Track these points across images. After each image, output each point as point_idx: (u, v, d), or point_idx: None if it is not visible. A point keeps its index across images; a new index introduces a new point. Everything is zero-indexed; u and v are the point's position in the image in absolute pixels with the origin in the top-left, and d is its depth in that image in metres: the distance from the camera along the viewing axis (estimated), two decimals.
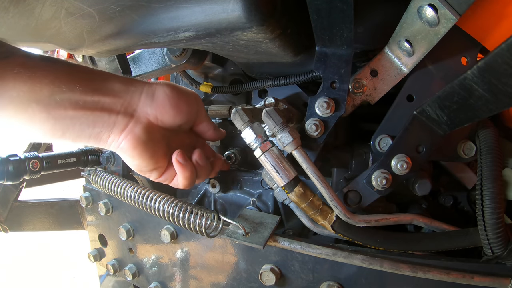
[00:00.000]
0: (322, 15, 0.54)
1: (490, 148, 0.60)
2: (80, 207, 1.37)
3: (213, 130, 0.73)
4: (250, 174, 0.90)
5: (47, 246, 3.45)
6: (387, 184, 0.62)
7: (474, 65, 0.40)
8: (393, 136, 0.68)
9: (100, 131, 0.57)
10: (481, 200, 0.55)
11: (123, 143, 0.59)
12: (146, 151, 0.60)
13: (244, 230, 0.66)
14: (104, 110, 0.57)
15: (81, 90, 0.54)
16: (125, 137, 0.59)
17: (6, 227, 1.31)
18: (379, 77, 0.66)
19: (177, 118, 0.64)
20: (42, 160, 0.94)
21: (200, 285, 0.82)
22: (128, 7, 0.59)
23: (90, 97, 0.55)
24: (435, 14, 0.49)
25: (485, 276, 0.57)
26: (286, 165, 0.60)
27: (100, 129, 0.57)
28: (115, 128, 0.58)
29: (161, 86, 0.63)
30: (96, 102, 0.56)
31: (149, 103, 0.61)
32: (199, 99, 0.70)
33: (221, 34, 0.59)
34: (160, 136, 0.63)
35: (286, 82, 0.73)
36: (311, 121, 0.65)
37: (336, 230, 0.63)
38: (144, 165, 0.62)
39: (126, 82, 0.61)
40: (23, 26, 0.65)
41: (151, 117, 0.61)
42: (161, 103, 0.61)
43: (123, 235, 0.94)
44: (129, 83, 0.60)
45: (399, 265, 0.59)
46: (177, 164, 0.64)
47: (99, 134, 0.58)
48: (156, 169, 0.64)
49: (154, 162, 0.62)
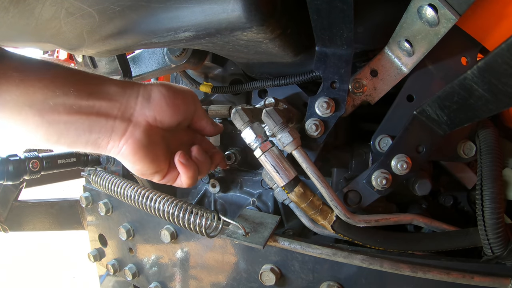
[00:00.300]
0: (322, 15, 0.54)
1: (490, 148, 0.60)
2: (80, 207, 1.37)
3: (211, 125, 0.73)
4: (250, 174, 0.90)
5: (47, 246, 3.45)
6: (387, 184, 0.62)
7: (474, 65, 0.40)
8: (393, 136, 0.68)
9: (98, 137, 0.56)
10: (481, 200, 0.55)
11: (123, 148, 0.58)
12: (147, 155, 0.60)
13: (244, 230, 0.66)
14: (100, 115, 0.56)
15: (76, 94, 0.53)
16: (125, 142, 0.58)
17: (6, 227, 1.30)
18: (379, 77, 0.66)
19: (175, 117, 0.64)
20: (42, 160, 0.94)
21: (200, 285, 0.82)
22: (128, 7, 0.59)
23: (85, 102, 0.54)
24: (435, 14, 0.49)
25: (485, 276, 0.57)
26: (286, 165, 0.60)
27: (97, 135, 0.56)
28: (114, 133, 0.57)
29: (156, 86, 0.63)
30: (91, 106, 0.55)
31: (146, 105, 0.60)
32: (195, 96, 0.70)
33: (221, 34, 0.59)
34: (160, 138, 0.63)
35: (286, 82, 0.73)
36: (311, 121, 0.65)
37: (336, 230, 0.63)
38: (146, 169, 0.62)
39: (122, 85, 0.60)
40: (23, 26, 0.65)
41: (149, 119, 0.61)
42: (158, 103, 0.61)
43: (123, 235, 0.94)
44: (125, 86, 0.60)
45: (399, 265, 0.59)
46: (180, 165, 0.63)
47: (97, 140, 0.57)
48: (158, 172, 0.64)
49: (156, 165, 0.62)
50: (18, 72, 0.49)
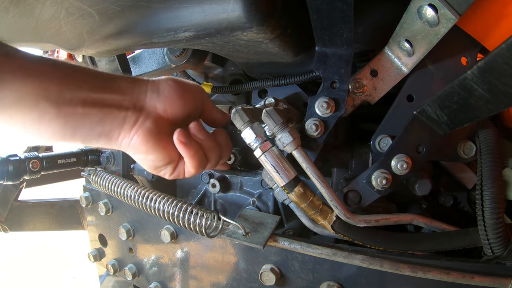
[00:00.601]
0: (322, 15, 0.54)
1: (490, 148, 0.60)
2: (80, 207, 1.38)
3: (221, 114, 0.74)
4: (250, 174, 0.90)
5: (47, 246, 3.45)
6: (387, 184, 0.62)
7: (474, 65, 0.40)
8: (393, 136, 0.68)
9: (111, 129, 0.58)
10: (481, 200, 0.55)
11: (134, 138, 0.59)
12: (158, 143, 0.61)
13: (244, 230, 0.66)
14: (112, 107, 0.57)
15: (88, 88, 0.55)
16: (136, 132, 0.59)
17: (6, 227, 1.31)
18: (379, 77, 0.66)
19: (185, 108, 0.65)
20: (42, 160, 0.94)
21: (200, 285, 0.82)
22: (128, 7, 0.59)
23: (98, 95, 0.56)
24: (435, 14, 0.49)
25: (485, 276, 0.57)
26: (286, 165, 0.60)
27: (110, 126, 0.58)
28: (126, 124, 0.59)
29: (164, 80, 0.64)
30: (104, 99, 0.57)
31: (156, 97, 0.62)
32: (202, 88, 0.71)
33: (221, 34, 0.59)
34: (170, 129, 0.63)
35: (286, 82, 0.73)
36: (311, 121, 0.65)
37: (336, 230, 0.63)
38: (159, 159, 0.62)
39: (131, 80, 0.62)
40: (23, 26, 0.65)
41: (160, 111, 0.62)
42: (168, 95, 0.63)
43: (123, 235, 0.94)
44: (133, 81, 0.62)
45: (399, 265, 0.59)
46: (179, 144, 0.61)
47: (109, 132, 0.58)
48: (170, 163, 0.64)
49: (168, 154, 0.62)
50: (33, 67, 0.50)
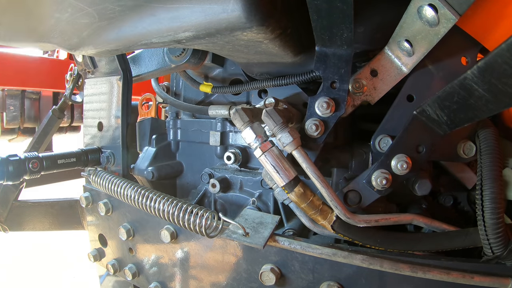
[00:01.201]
0: (322, 15, 0.54)
1: (490, 148, 0.60)
2: (80, 207, 1.37)
3: None
4: (250, 174, 0.90)
5: (47, 246, 3.45)
6: (387, 184, 0.62)
7: (474, 65, 0.40)
8: (393, 136, 0.67)
9: None
10: (481, 200, 0.55)
11: None
12: None
13: (244, 230, 0.66)
14: None
15: None
16: None
17: (6, 227, 1.31)
18: (379, 77, 0.66)
19: None
20: (42, 160, 0.94)
21: (200, 285, 0.82)
22: (128, 7, 0.59)
23: None
24: (435, 14, 0.49)
25: (485, 276, 0.57)
26: (286, 165, 0.60)
27: None
28: None
29: None
30: None
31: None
32: None
33: (221, 34, 0.59)
34: None
35: (286, 82, 0.73)
36: (311, 121, 0.65)
37: (336, 230, 0.63)
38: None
39: None
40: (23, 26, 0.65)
41: None
42: None
43: (123, 235, 0.94)
44: None
45: (399, 265, 0.59)
46: None
47: None
48: None
49: None
50: None
